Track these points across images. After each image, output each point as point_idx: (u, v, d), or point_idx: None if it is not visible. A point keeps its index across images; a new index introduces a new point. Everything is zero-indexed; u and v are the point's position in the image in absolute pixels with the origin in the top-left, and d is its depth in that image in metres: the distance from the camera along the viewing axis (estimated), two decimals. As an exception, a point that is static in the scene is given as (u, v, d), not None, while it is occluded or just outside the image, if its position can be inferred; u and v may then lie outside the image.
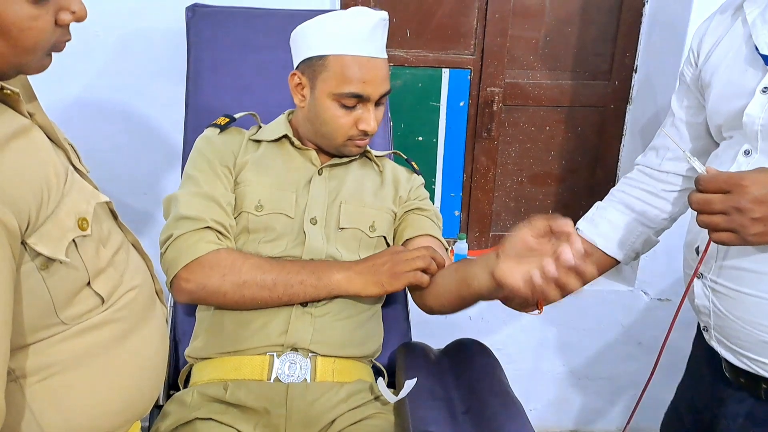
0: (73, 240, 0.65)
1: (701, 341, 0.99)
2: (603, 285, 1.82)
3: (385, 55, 1.04)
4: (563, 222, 0.73)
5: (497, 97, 1.74)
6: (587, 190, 1.87)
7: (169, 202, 1.03)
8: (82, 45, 1.44)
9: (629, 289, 1.81)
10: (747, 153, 0.85)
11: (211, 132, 1.10)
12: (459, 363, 1.09)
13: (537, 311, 1.11)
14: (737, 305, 0.85)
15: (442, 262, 1.04)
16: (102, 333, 0.71)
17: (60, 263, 0.64)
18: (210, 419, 0.95)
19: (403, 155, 1.26)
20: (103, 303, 0.71)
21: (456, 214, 1.89)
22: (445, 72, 1.73)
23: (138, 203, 1.67)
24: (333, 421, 0.97)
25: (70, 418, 0.69)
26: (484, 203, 1.87)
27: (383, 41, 1.03)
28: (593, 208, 1.13)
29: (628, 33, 1.71)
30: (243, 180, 1.06)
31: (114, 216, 0.79)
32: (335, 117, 1.03)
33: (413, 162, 1.25)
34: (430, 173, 1.83)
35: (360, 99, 1.01)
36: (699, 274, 0.91)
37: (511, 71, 1.75)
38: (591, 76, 1.76)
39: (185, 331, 1.14)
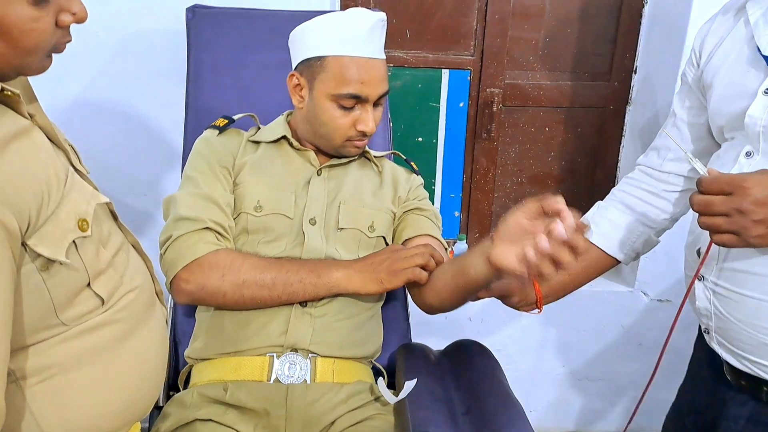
0: (74, 241, 0.65)
1: (702, 343, 0.98)
2: (603, 286, 1.82)
3: (384, 56, 1.04)
4: (554, 200, 0.73)
5: (497, 98, 1.74)
6: (587, 190, 1.87)
7: (169, 203, 1.03)
8: (82, 46, 1.44)
9: (629, 290, 1.81)
10: (748, 154, 0.84)
11: (210, 133, 1.10)
12: (459, 364, 1.09)
13: (537, 310, 1.11)
14: (738, 307, 0.85)
15: (440, 259, 1.04)
16: (102, 334, 0.71)
17: (60, 264, 0.64)
18: (210, 420, 0.95)
19: (402, 155, 1.26)
20: (103, 304, 0.71)
21: (456, 214, 1.89)
22: (445, 73, 1.73)
23: (138, 204, 1.67)
24: (333, 422, 0.97)
25: (70, 419, 0.69)
26: (483, 204, 1.88)
27: (381, 42, 1.03)
28: (594, 207, 1.13)
29: (627, 34, 1.71)
30: (242, 181, 1.06)
31: (114, 217, 0.79)
32: (334, 118, 1.03)
33: (412, 162, 1.25)
34: (429, 174, 1.83)
35: (358, 100, 1.01)
36: (700, 276, 0.90)
37: (511, 72, 1.75)
38: (591, 76, 1.76)
39: (185, 332, 1.14)
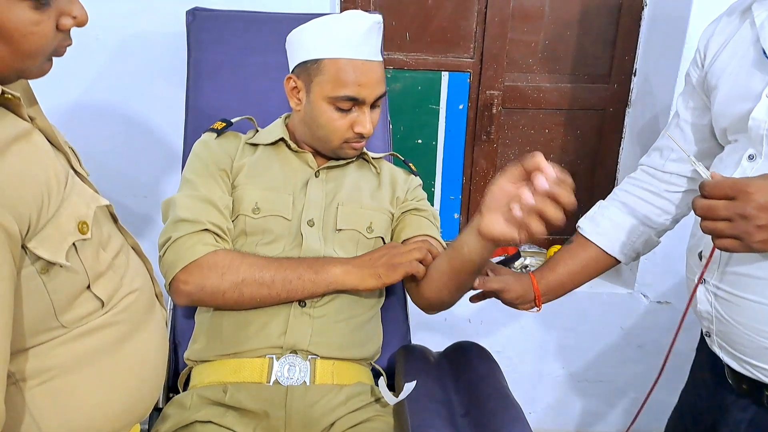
0: (74, 244, 0.65)
1: (704, 346, 0.98)
2: (602, 288, 1.82)
3: (380, 58, 1.04)
4: (532, 157, 0.74)
5: (496, 100, 1.74)
6: (587, 192, 1.87)
7: (168, 205, 1.03)
8: (82, 48, 1.43)
9: (629, 292, 1.81)
10: (751, 158, 0.84)
11: (209, 137, 1.11)
12: (458, 366, 1.09)
13: (536, 308, 1.11)
14: (740, 311, 0.84)
15: (437, 254, 1.05)
16: (102, 336, 0.71)
17: (60, 267, 0.64)
18: (209, 422, 0.95)
19: (401, 157, 1.26)
20: (103, 306, 0.71)
21: (455, 216, 1.89)
22: (445, 75, 1.73)
23: (138, 206, 1.67)
24: (332, 424, 0.97)
25: (69, 420, 0.69)
26: (483, 206, 1.87)
27: (378, 44, 1.03)
28: (595, 206, 1.12)
29: (627, 36, 1.72)
30: (240, 183, 1.06)
31: (114, 219, 0.79)
32: (331, 120, 1.03)
33: (411, 163, 1.25)
34: (429, 176, 1.84)
35: (355, 102, 1.01)
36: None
37: (511, 74, 1.75)
38: (590, 79, 1.77)
39: (185, 334, 1.14)
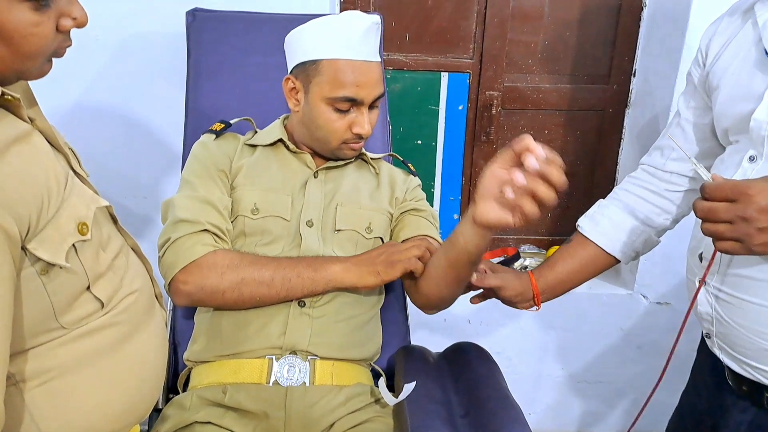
0: (73, 245, 0.65)
1: (705, 348, 0.98)
2: (602, 289, 1.83)
3: (379, 59, 1.04)
4: (521, 139, 0.76)
5: (496, 101, 1.75)
6: (586, 193, 1.87)
7: (167, 206, 1.03)
8: (82, 49, 1.43)
9: (628, 293, 1.81)
10: (752, 159, 0.83)
11: (207, 138, 1.11)
12: (458, 366, 1.09)
13: (535, 307, 1.11)
14: (740, 313, 0.84)
15: (435, 251, 1.05)
16: (102, 337, 0.71)
17: (60, 268, 0.64)
18: (209, 423, 0.95)
19: (400, 157, 1.27)
20: (103, 307, 0.71)
21: (455, 217, 1.89)
22: (444, 76, 1.73)
23: (138, 207, 1.67)
24: (332, 425, 0.97)
25: (69, 421, 0.69)
26: (483, 206, 1.87)
27: (376, 45, 1.04)
28: (595, 205, 1.12)
29: (626, 37, 1.72)
30: (239, 184, 1.06)
31: (114, 220, 0.79)
32: (329, 121, 1.03)
33: (409, 164, 1.25)
34: (429, 177, 1.84)
35: (354, 103, 1.02)
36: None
37: (510, 75, 1.75)
38: (590, 79, 1.77)
39: (184, 335, 1.14)
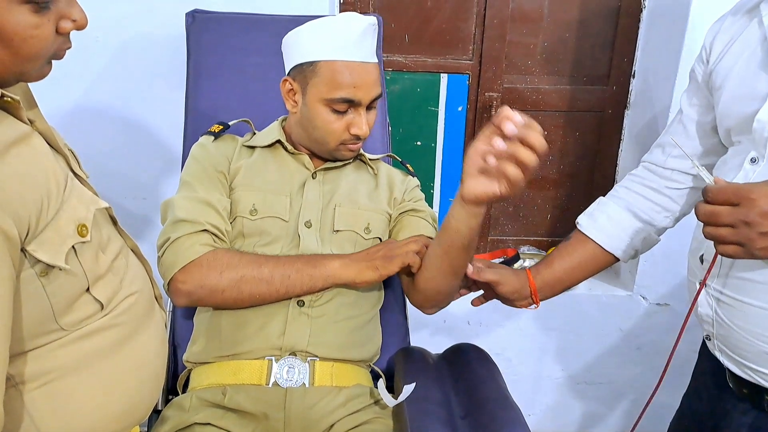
0: (73, 246, 0.65)
1: (706, 351, 0.98)
2: (601, 290, 1.83)
3: (376, 60, 1.05)
4: (500, 112, 0.78)
5: (495, 102, 1.75)
6: (586, 194, 1.87)
7: (166, 207, 1.04)
8: (82, 50, 1.44)
9: (628, 294, 1.81)
10: (754, 161, 0.83)
11: (206, 139, 1.11)
12: (457, 368, 1.09)
13: (534, 306, 1.11)
14: (741, 316, 0.84)
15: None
16: (101, 339, 0.71)
17: (59, 270, 0.64)
18: (208, 424, 0.95)
19: (398, 158, 1.27)
20: (103, 309, 0.71)
21: (455, 218, 1.89)
22: (444, 77, 1.73)
23: (137, 208, 1.67)
24: (332, 426, 0.97)
25: (69, 423, 0.69)
26: (482, 208, 1.87)
27: (373, 46, 1.04)
28: (595, 203, 1.11)
29: (626, 38, 1.72)
30: (237, 185, 1.06)
31: (113, 221, 0.79)
32: (327, 122, 1.03)
33: (408, 164, 1.25)
34: (428, 178, 1.84)
35: (351, 104, 1.02)
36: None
37: (510, 76, 1.75)
38: (589, 80, 1.77)
39: (184, 336, 1.14)
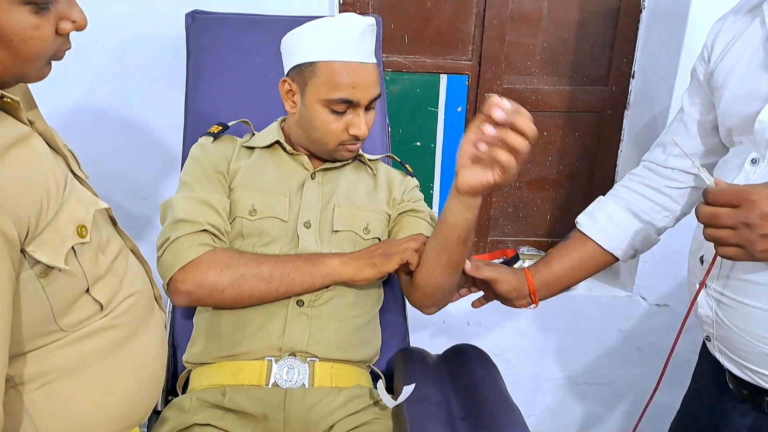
0: (72, 247, 0.65)
1: (706, 352, 0.98)
2: (601, 290, 1.83)
3: (374, 60, 1.05)
4: (487, 100, 0.81)
5: (495, 103, 1.74)
6: (585, 194, 1.87)
7: (166, 207, 1.04)
8: (81, 50, 1.44)
9: (627, 295, 1.81)
10: (754, 162, 0.83)
11: (205, 140, 1.11)
12: (457, 368, 1.09)
13: (533, 305, 1.11)
14: (741, 317, 0.84)
15: None
16: (101, 339, 0.71)
17: (59, 271, 0.64)
18: (208, 425, 0.95)
19: (397, 158, 1.27)
20: (102, 309, 0.71)
21: (454, 219, 1.89)
22: (443, 77, 1.73)
23: (137, 209, 1.67)
24: (331, 427, 0.97)
25: (69, 424, 0.69)
26: (481, 208, 1.84)
27: (372, 46, 1.04)
28: (594, 202, 1.11)
29: (625, 38, 1.72)
30: (236, 186, 1.07)
31: (113, 222, 0.79)
32: (326, 123, 1.03)
33: (407, 164, 1.25)
34: (428, 178, 1.84)
35: (350, 104, 1.02)
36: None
37: (509, 77, 1.75)
38: (589, 81, 1.77)
39: (183, 337, 1.14)
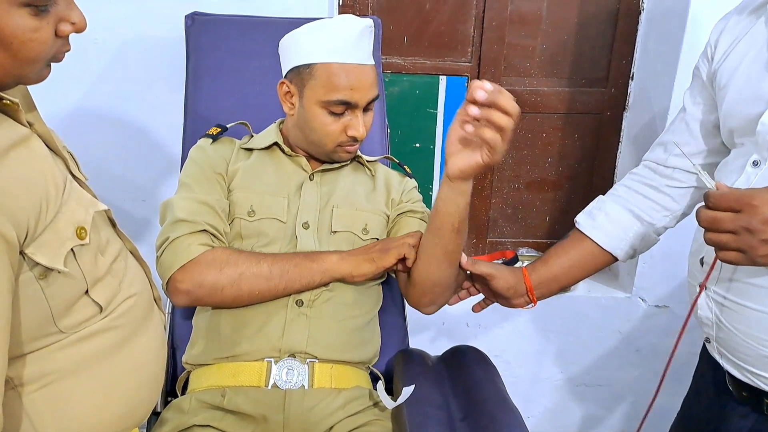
0: (72, 249, 0.65)
1: (706, 354, 0.98)
2: (600, 292, 1.83)
3: (372, 62, 1.05)
4: (471, 85, 0.83)
5: (494, 104, 1.75)
6: (584, 196, 1.87)
7: (165, 207, 1.04)
8: (81, 52, 1.44)
9: (627, 296, 1.81)
10: (755, 164, 0.83)
11: (204, 142, 1.12)
12: (456, 370, 1.09)
13: (531, 304, 1.11)
14: (741, 319, 0.84)
15: None
16: (100, 341, 0.71)
17: (58, 273, 0.64)
18: (208, 426, 0.95)
19: (396, 159, 1.27)
20: (102, 311, 0.71)
21: (454, 220, 1.89)
22: (443, 79, 1.74)
23: (137, 210, 1.67)
24: (331, 428, 0.97)
25: (68, 425, 0.69)
26: (480, 210, 1.88)
27: (370, 48, 1.04)
28: (594, 201, 1.11)
29: (624, 40, 1.72)
30: (235, 187, 1.07)
31: (112, 224, 0.79)
32: (324, 124, 1.03)
33: (405, 166, 1.25)
34: (427, 180, 1.84)
35: (348, 106, 1.02)
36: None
37: (508, 78, 1.76)
38: (588, 83, 1.77)
39: (183, 338, 1.14)
